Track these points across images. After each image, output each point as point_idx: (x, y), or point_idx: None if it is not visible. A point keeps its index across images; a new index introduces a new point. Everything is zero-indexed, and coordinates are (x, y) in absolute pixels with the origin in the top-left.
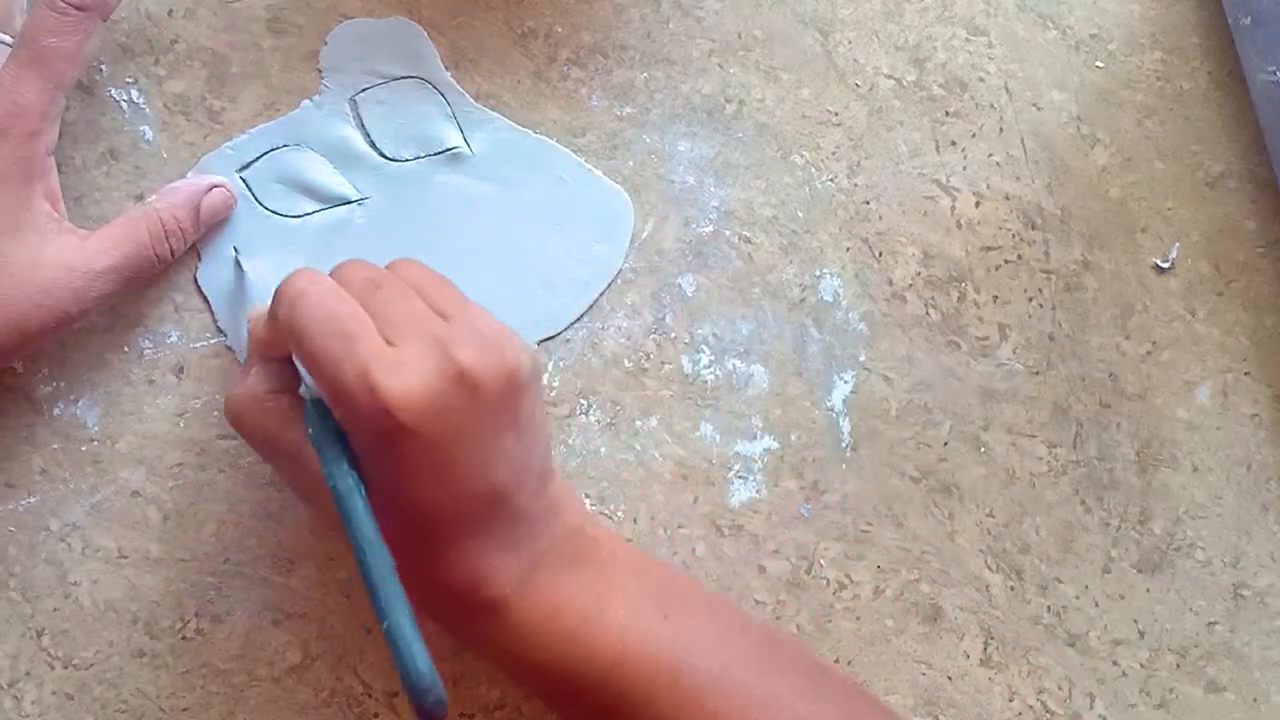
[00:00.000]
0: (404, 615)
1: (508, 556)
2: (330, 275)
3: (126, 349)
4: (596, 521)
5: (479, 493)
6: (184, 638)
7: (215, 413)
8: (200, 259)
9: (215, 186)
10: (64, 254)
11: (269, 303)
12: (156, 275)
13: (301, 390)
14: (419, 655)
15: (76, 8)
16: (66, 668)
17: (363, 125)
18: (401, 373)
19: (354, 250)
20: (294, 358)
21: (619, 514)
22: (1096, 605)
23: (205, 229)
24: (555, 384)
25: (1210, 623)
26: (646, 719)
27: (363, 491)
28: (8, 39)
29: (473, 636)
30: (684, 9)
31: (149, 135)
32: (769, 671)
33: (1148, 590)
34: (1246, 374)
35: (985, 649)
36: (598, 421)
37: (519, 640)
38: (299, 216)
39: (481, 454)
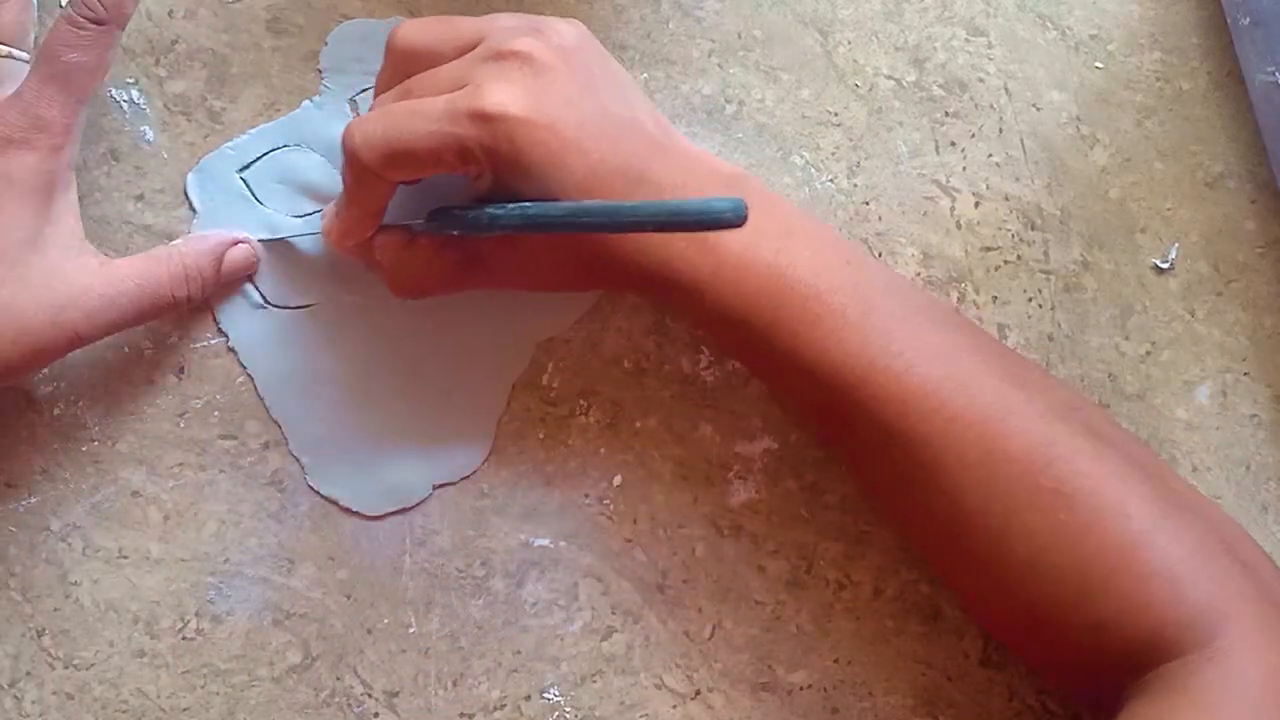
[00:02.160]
0: (659, 202)
1: (687, 190)
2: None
3: (127, 349)
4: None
5: (613, 134)
6: (184, 638)
7: (216, 413)
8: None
9: (241, 242)
10: (83, 273)
11: (328, 209)
12: (170, 317)
13: (416, 225)
14: (698, 203)
15: (95, 22)
16: (67, 668)
17: None
18: (484, 91)
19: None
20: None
21: (619, 514)
22: None
23: (225, 282)
24: (555, 384)
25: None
26: (834, 356)
27: (531, 204)
28: (25, 56)
29: (674, 282)
30: (684, 9)
31: (149, 136)
32: (943, 323)
33: None
34: (1246, 374)
35: (985, 649)
36: (598, 421)
37: (718, 278)
38: (300, 217)
39: (589, 105)
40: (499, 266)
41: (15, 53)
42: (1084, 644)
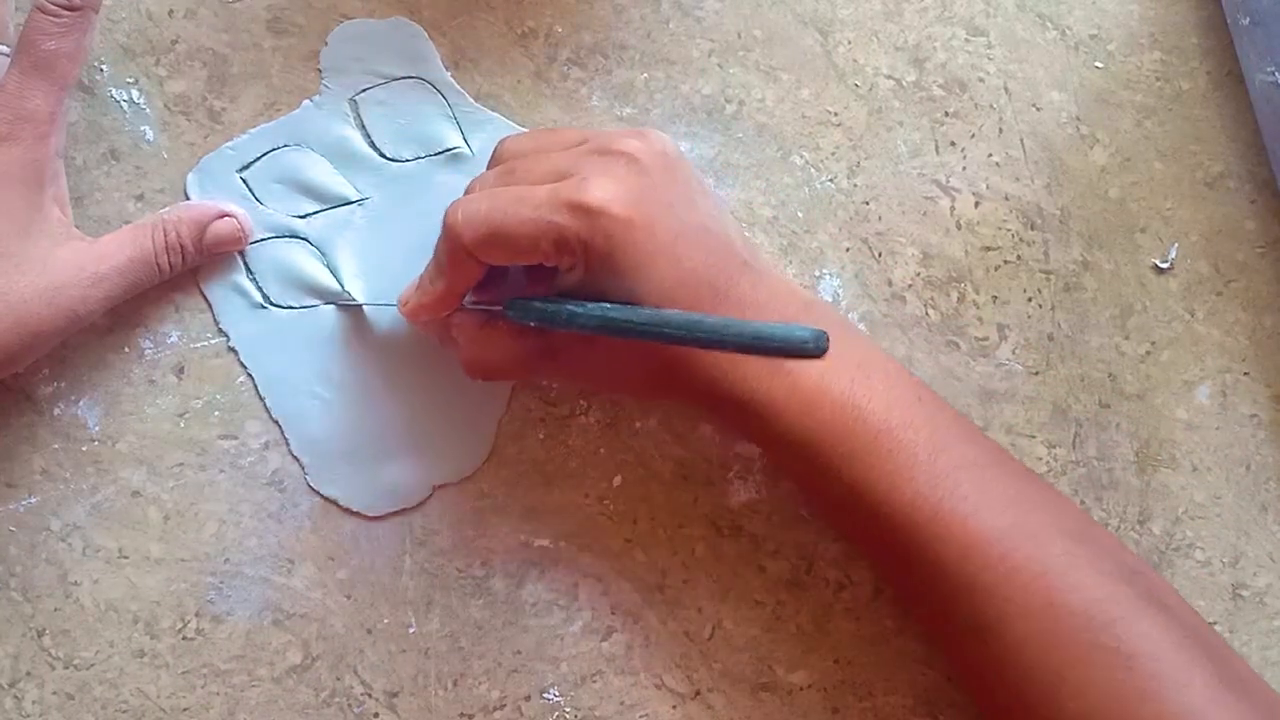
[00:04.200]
0: (742, 322)
1: (767, 313)
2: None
3: (127, 349)
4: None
5: (708, 247)
6: (184, 638)
7: (216, 413)
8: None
9: (228, 215)
10: (73, 255)
11: (410, 283)
12: (158, 284)
13: (504, 311)
14: (780, 329)
15: (68, 8)
16: (67, 668)
17: (363, 125)
18: (589, 185)
19: (354, 250)
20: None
21: (619, 514)
22: None
23: (208, 256)
24: (555, 383)
25: (1209, 623)
26: (904, 494)
27: (612, 306)
28: (5, 49)
29: (746, 402)
30: (684, 9)
31: (150, 135)
32: (1012, 474)
33: None
34: (1246, 374)
35: None
36: (598, 421)
37: (791, 403)
38: (300, 217)
39: (688, 216)
40: (572, 362)
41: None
42: None
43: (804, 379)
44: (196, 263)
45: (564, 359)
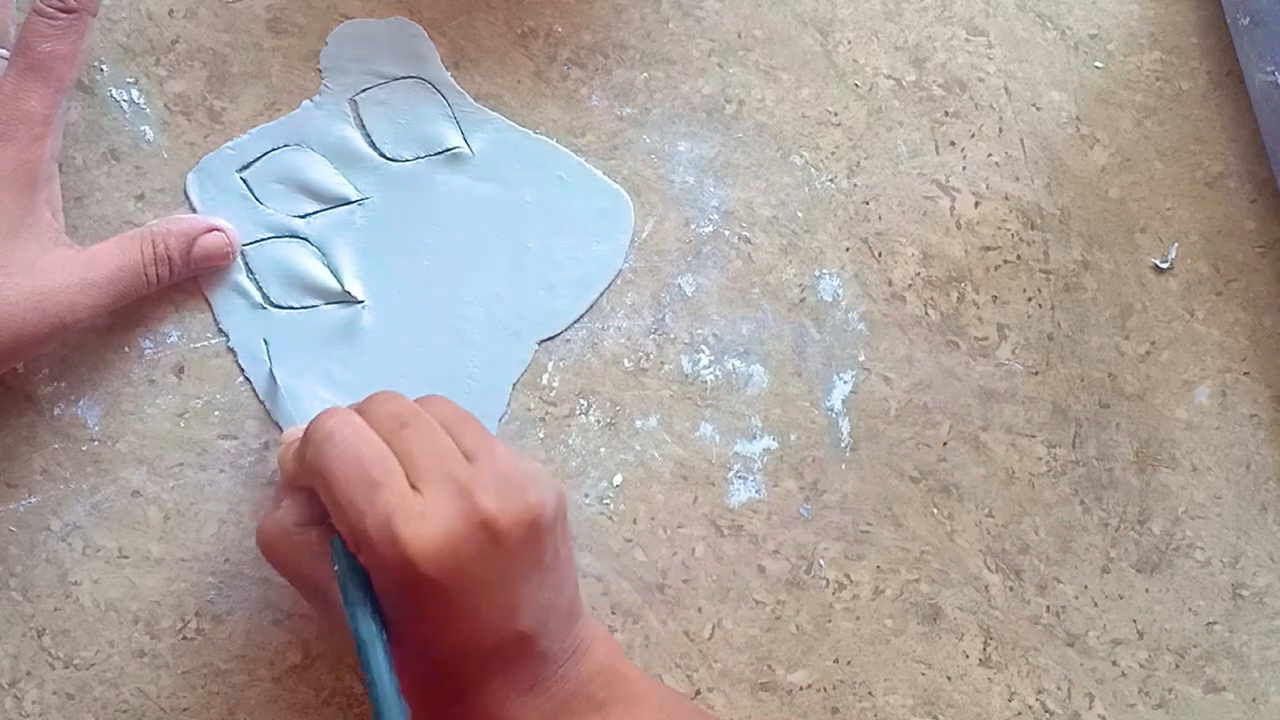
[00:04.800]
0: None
1: (531, 700)
2: (359, 406)
3: (127, 349)
4: (624, 656)
5: (502, 639)
6: (184, 638)
7: (216, 413)
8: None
9: (217, 230)
10: (61, 261)
11: (300, 428)
12: (146, 295)
13: (332, 524)
14: None
15: (64, 11)
16: (67, 668)
17: (363, 125)
18: (423, 523)
19: (354, 250)
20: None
21: (619, 514)
22: (1095, 605)
23: (196, 269)
24: (555, 384)
25: (1209, 623)
26: None
27: (384, 638)
28: (4, 52)
29: None
30: (684, 9)
31: (150, 135)
32: None
33: (1147, 590)
34: (1245, 374)
35: (984, 649)
36: (598, 421)
37: None
38: (300, 217)
39: (504, 600)
40: (331, 621)
41: None
42: None
43: None
44: (184, 276)
45: (327, 612)
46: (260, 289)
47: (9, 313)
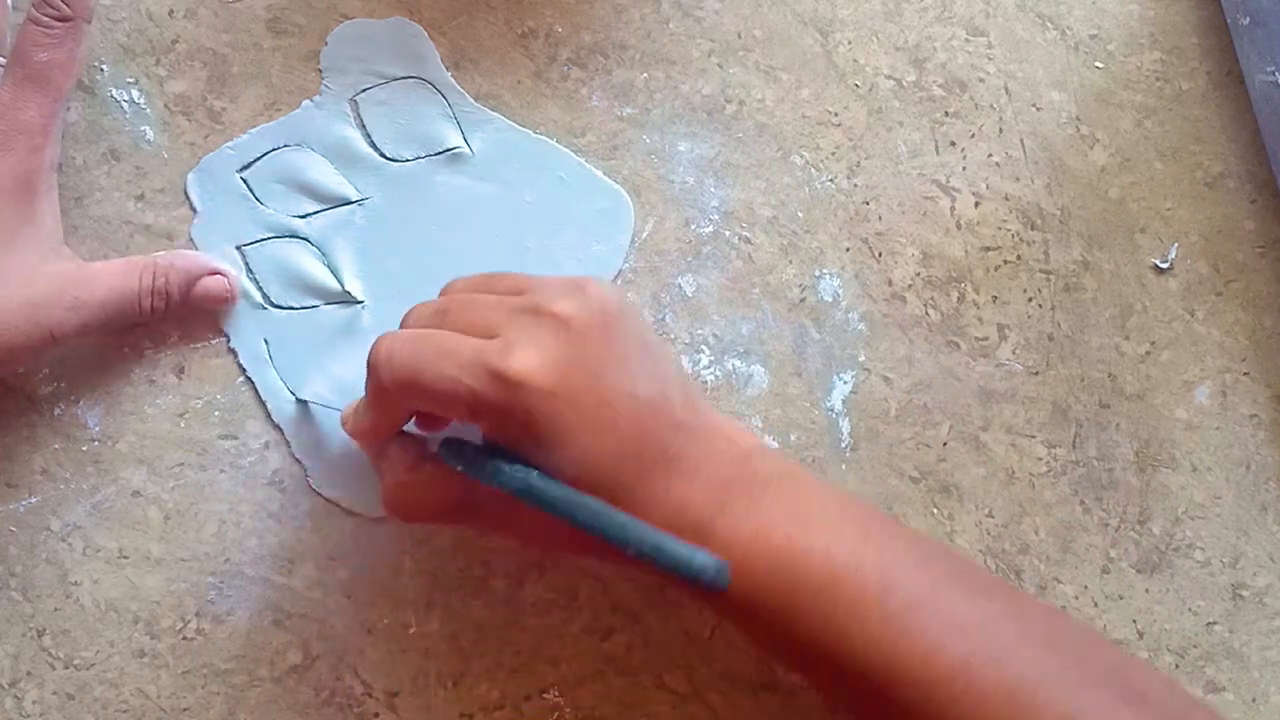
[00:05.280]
0: (649, 530)
1: (695, 483)
2: (400, 328)
3: (127, 349)
4: (768, 446)
5: (637, 415)
6: (184, 638)
7: (216, 413)
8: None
9: (220, 273)
10: (58, 275)
11: (352, 402)
12: (137, 323)
13: (434, 447)
14: (683, 551)
15: (60, 20)
16: (67, 668)
17: (363, 125)
18: (514, 351)
19: (354, 250)
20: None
21: None
22: (1095, 605)
23: (193, 308)
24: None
25: (1209, 623)
26: (856, 642)
27: (538, 474)
28: (2, 60)
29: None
30: (684, 9)
31: (150, 135)
32: (972, 592)
33: (1147, 590)
34: (1245, 374)
35: None
36: None
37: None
38: (301, 217)
39: (618, 383)
40: (495, 516)
41: None
42: None
43: (736, 540)
44: (180, 313)
45: (487, 512)
46: (260, 289)
47: (5, 320)
